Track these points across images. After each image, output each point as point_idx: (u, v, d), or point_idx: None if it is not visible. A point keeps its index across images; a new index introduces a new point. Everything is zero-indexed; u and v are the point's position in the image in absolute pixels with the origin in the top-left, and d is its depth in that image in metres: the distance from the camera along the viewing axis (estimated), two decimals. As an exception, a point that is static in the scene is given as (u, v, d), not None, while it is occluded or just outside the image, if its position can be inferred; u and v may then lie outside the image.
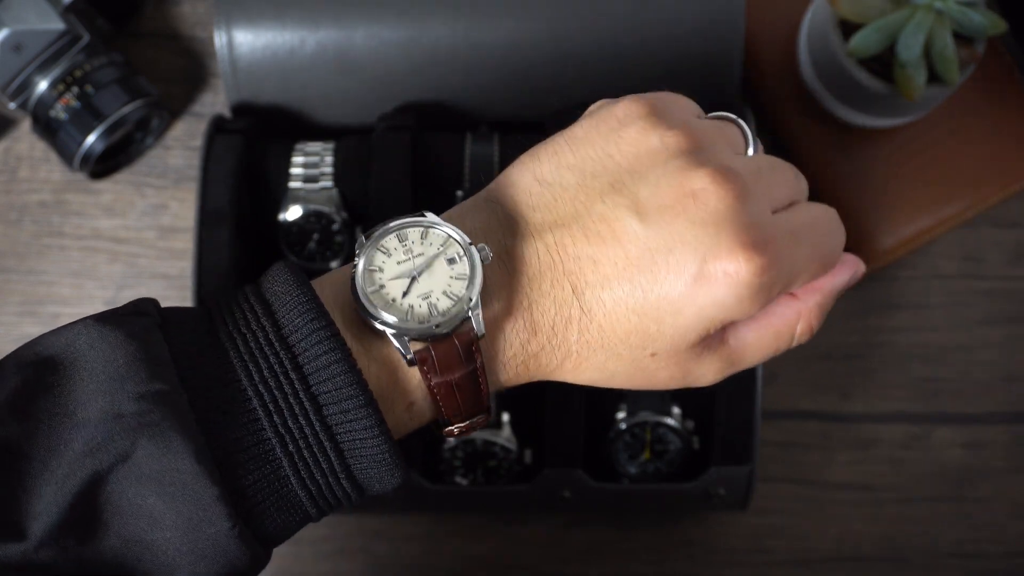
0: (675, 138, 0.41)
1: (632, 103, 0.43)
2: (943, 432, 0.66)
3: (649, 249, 0.40)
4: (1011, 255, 0.67)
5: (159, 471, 0.35)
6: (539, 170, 0.43)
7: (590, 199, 0.41)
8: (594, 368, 0.42)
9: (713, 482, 0.59)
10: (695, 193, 0.39)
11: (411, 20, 0.61)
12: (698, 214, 0.39)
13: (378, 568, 0.65)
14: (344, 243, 0.61)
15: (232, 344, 0.38)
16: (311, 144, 0.61)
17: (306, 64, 0.61)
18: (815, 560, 0.65)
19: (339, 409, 0.37)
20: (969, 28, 0.58)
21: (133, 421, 0.35)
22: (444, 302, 0.40)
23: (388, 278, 0.40)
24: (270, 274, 0.41)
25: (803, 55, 0.65)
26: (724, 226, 0.39)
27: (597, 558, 0.65)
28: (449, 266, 0.40)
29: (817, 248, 0.43)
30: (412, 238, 0.41)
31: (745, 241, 0.39)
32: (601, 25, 0.61)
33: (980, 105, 0.66)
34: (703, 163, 0.40)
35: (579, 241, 0.41)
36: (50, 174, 0.68)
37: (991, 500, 0.66)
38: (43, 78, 0.63)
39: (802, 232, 0.42)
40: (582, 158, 0.42)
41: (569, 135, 0.43)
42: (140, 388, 0.36)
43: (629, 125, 0.42)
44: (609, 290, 0.40)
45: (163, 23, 0.70)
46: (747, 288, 0.39)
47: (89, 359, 0.37)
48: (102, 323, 0.38)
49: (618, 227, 0.40)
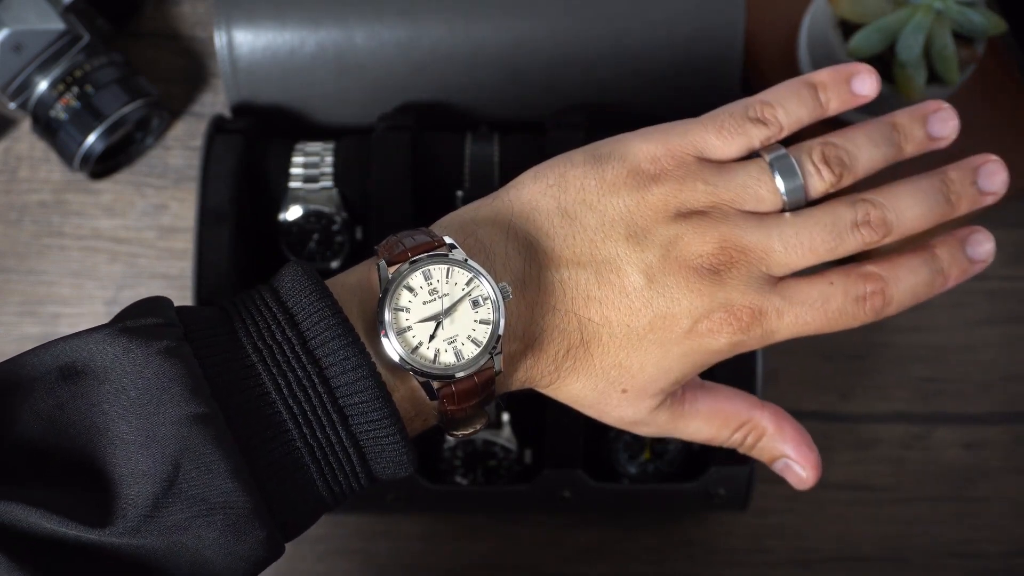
0: (694, 204, 0.44)
1: (666, 160, 0.44)
2: (943, 432, 0.66)
3: (650, 305, 0.43)
4: (1011, 255, 0.67)
5: (200, 491, 0.36)
6: (564, 200, 0.44)
7: (606, 245, 0.44)
8: (568, 389, 0.45)
9: (713, 482, 0.59)
10: (697, 267, 0.43)
11: (411, 20, 0.61)
12: (697, 284, 0.43)
13: (378, 568, 0.65)
14: (344, 243, 0.61)
15: (260, 357, 0.39)
16: (311, 144, 0.61)
17: (306, 64, 0.61)
18: (815, 560, 0.65)
19: (364, 420, 0.39)
20: (969, 28, 0.58)
21: (174, 446, 0.36)
22: (470, 348, 0.41)
23: (415, 320, 0.41)
24: (287, 280, 0.41)
25: (803, 55, 0.65)
26: (718, 296, 0.43)
27: (597, 558, 0.65)
28: (474, 310, 0.41)
29: (807, 323, 0.45)
30: (437, 276, 0.41)
31: (732, 309, 0.44)
32: (601, 25, 0.61)
33: (980, 105, 0.66)
34: (711, 236, 0.43)
35: (591, 282, 0.43)
36: (50, 174, 0.68)
37: (991, 500, 0.66)
38: (43, 78, 0.63)
39: (796, 304, 0.45)
40: (606, 205, 0.44)
41: (599, 174, 0.44)
42: (179, 411, 0.36)
43: (655, 186, 0.44)
44: (609, 329, 0.44)
45: (163, 23, 0.70)
46: (729, 344, 0.44)
47: (116, 374, 0.37)
48: (129, 337, 0.38)
49: (627, 280, 0.43)
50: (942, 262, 0.47)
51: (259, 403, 0.38)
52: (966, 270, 0.47)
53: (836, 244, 0.45)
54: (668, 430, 0.48)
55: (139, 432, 0.36)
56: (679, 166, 0.44)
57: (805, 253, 0.44)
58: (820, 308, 0.45)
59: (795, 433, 0.49)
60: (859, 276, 0.45)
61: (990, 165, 0.47)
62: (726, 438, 0.48)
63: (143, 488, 0.36)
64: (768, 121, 0.45)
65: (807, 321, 0.45)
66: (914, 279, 0.46)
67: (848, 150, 0.46)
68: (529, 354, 0.44)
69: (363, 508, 0.63)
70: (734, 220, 0.44)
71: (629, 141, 0.45)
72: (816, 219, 0.45)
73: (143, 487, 0.36)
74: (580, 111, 0.61)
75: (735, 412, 0.48)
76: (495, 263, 0.43)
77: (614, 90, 0.62)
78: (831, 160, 0.45)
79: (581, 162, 0.45)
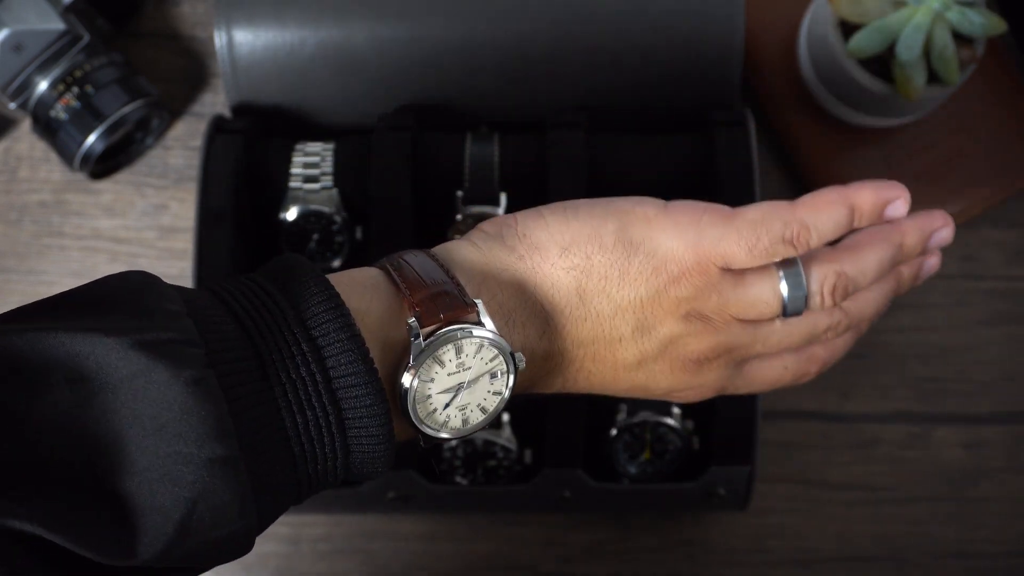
0: (703, 310, 0.46)
1: (692, 267, 0.46)
2: (943, 432, 0.66)
3: (633, 379, 0.48)
4: (1011, 255, 0.67)
5: (210, 533, 0.36)
6: (585, 284, 0.45)
7: (613, 329, 0.46)
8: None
9: (713, 482, 0.59)
10: (685, 360, 0.47)
11: (411, 20, 0.61)
12: (680, 372, 0.48)
13: (378, 568, 0.65)
14: (344, 243, 0.61)
15: (282, 391, 0.38)
16: (311, 144, 0.61)
17: (306, 64, 0.61)
18: (815, 560, 0.65)
19: (367, 458, 0.40)
20: (969, 28, 0.58)
21: (193, 489, 0.35)
22: (476, 416, 0.43)
23: (436, 391, 0.41)
24: (314, 306, 0.39)
25: (803, 55, 0.65)
26: (694, 381, 0.48)
27: (597, 558, 0.65)
28: (490, 381, 0.42)
29: (759, 391, 0.51)
30: (468, 351, 0.41)
31: (701, 388, 0.49)
32: (601, 25, 0.61)
33: (980, 105, 0.66)
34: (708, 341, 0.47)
35: (587, 359, 0.46)
36: (50, 174, 0.68)
37: (991, 500, 0.66)
38: (43, 78, 0.63)
39: (754, 384, 0.50)
40: (623, 297, 0.45)
41: (624, 266, 0.45)
42: (201, 453, 0.35)
43: (673, 288, 0.46)
44: (598, 383, 0.48)
45: (163, 23, 0.70)
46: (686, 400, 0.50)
47: (129, 394, 0.35)
48: (148, 356, 0.35)
49: (618, 357, 0.47)
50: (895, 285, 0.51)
51: (276, 438, 0.38)
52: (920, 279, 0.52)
53: (806, 343, 0.49)
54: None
55: (157, 465, 0.35)
56: (702, 275, 0.46)
57: (778, 351, 0.49)
58: (771, 385, 0.50)
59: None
60: (808, 359, 0.50)
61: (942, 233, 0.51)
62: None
63: (160, 526, 0.34)
64: (799, 246, 0.46)
65: (754, 391, 0.51)
66: (846, 345, 0.51)
67: (857, 282, 0.48)
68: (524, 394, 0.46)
69: (363, 508, 0.63)
70: (732, 329, 0.47)
71: (661, 234, 0.46)
72: (799, 329, 0.48)
73: (160, 524, 0.34)
74: (580, 111, 0.61)
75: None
76: (513, 332, 0.44)
77: (614, 90, 0.62)
78: (838, 292, 0.48)
79: (610, 247, 0.45)
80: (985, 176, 0.65)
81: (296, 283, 0.40)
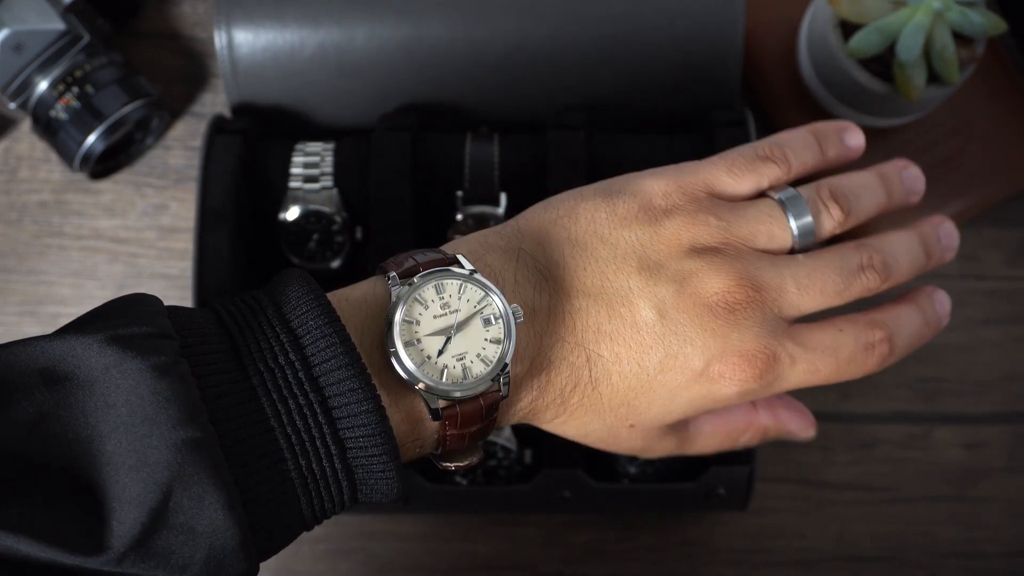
0: (707, 239, 0.43)
1: (678, 195, 0.44)
2: (943, 432, 0.66)
3: (662, 342, 0.43)
4: (1011, 255, 0.67)
5: (188, 520, 0.35)
6: (574, 230, 0.44)
7: (618, 278, 0.43)
8: (576, 426, 0.45)
9: (713, 482, 0.59)
10: (710, 303, 0.42)
11: (411, 20, 0.61)
12: (711, 323, 0.42)
13: (377, 568, 0.65)
14: (344, 243, 0.61)
15: (260, 380, 0.37)
16: (311, 144, 0.61)
17: (306, 64, 0.61)
18: (815, 560, 0.65)
19: (363, 455, 0.38)
20: (969, 28, 0.58)
21: (165, 472, 0.34)
22: (478, 367, 0.40)
23: (425, 333, 0.40)
24: (293, 297, 0.39)
25: (803, 55, 0.65)
26: (732, 338, 0.43)
27: (597, 558, 0.65)
28: (485, 327, 0.41)
29: (818, 371, 0.45)
30: (450, 291, 0.41)
31: (747, 354, 0.43)
32: (601, 25, 0.61)
33: (980, 105, 0.66)
34: (727, 272, 0.43)
35: (601, 315, 0.43)
36: (50, 174, 0.68)
37: (991, 500, 0.66)
38: (43, 78, 0.63)
39: (809, 351, 0.44)
40: (618, 237, 0.43)
41: (611, 207, 0.44)
42: (173, 435, 0.35)
43: (667, 220, 0.44)
44: (618, 366, 0.43)
45: (163, 23, 0.70)
46: (738, 393, 0.44)
47: (105, 387, 0.35)
48: (121, 348, 0.36)
49: (638, 315, 0.43)
50: (929, 310, 0.49)
51: (257, 429, 0.37)
52: (943, 319, 0.50)
53: (845, 287, 0.45)
54: (676, 453, 0.49)
55: (130, 453, 0.34)
56: (691, 201, 0.44)
57: (816, 295, 0.45)
58: (832, 356, 0.45)
59: (790, 414, 0.49)
60: (867, 323, 0.46)
61: (946, 226, 0.50)
62: (732, 446, 0.50)
63: (132, 515, 0.34)
64: (777, 159, 0.46)
65: (818, 369, 0.45)
66: (911, 328, 0.47)
67: (852, 190, 0.47)
68: (535, 384, 0.43)
69: (363, 508, 0.63)
70: (748, 258, 0.44)
71: (640, 178, 0.46)
72: (827, 260, 0.45)
73: (132, 513, 0.34)
74: (580, 111, 0.61)
75: (735, 424, 0.49)
76: (505, 290, 0.42)
77: (614, 90, 0.62)
78: (839, 196, 0.46)
79: (591, 195, 0.45)
80: (985, 176, 0.65)
81: (280, 284, 0.40)
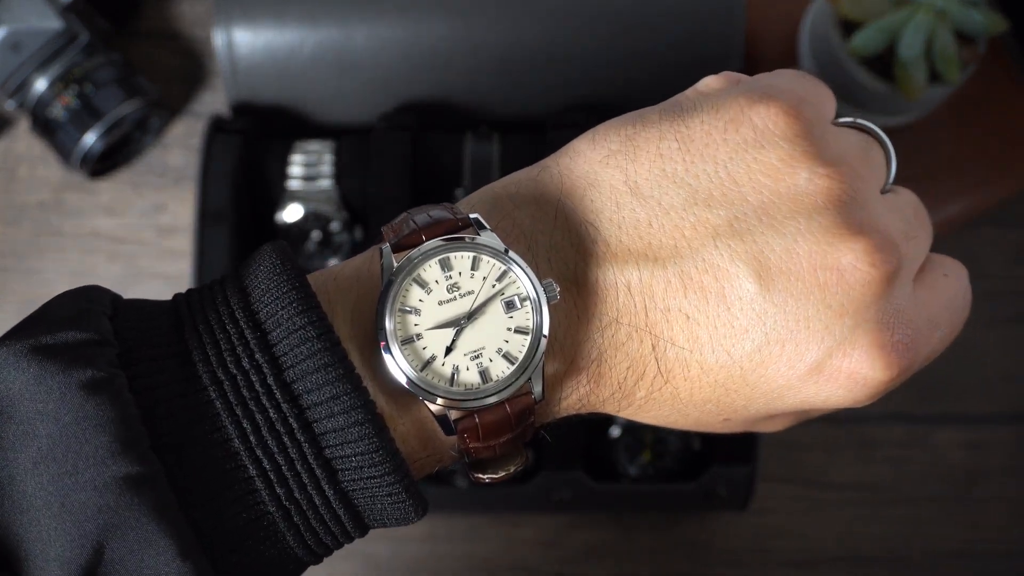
0: (830, 182, 0.31)
1: (779, 109, 0.32)
2: (944, 432, 0.66)
3: (763, 324, 0.31)
4: (1011, 255, 0.67)
5: (135, 572, 0.27)
6: (633, 171, 0.32)
7: (699, 236, 0.31)
8: (653, 418, 0.35)
9: (713, 482, 0.59)
10: (841, 269, 0.31)
11: (411, 20, 0.61)
12: (837, 297, 0.31)
13: (378, 568, 0.65)
14: (344, 243, 0.61)
15: (219, 390, 0.29)
16: (311, 143, 0.61)
17: (306, 63, 0.61)
18: (815, 560, 0.65)
19: (359, 475, 0.30)
20: (970, 27, 0.58)
21: (94, 521, 0.27)
22: (500, 366, 0.31)
23: (427, 327, 0.31)
24: (261, 278, 0.31)
25: (804, 54, 0.65)
26: (867, 320, 0.31)
27: (597, 558, 0.65)
28: (507, 313, 0.31)
29: (948, 335, 0.35)
30: (459, 267, 0.31)
31: (887, 343, 0.31)
32: (601, 25, 0.61)
33: (981, 105, 0.66)
34: (858, 228, 0.31)
35: (674, 289, 0.31)
36: (49, 173, 0.68)
37: (992, 500, 0.66)
38: (42, 77, 0.63)
39: (940, 317, 0.34)
40: (696, 173, 0.32)
41: (680, 129, 0.32)
42: (101, 472, 0.27)
43: (770, 145, 0.32)
44: (699, 356, 0.32)
45: (162, 22, 0.69)
46: (871, 394, 0.33)
47: (24, 409, 0.27)
48: (42, 360, 0.28)
49: (728, 285, 0.31)
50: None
51: (216, 454, 0.29)
52: None
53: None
54: (791, 424, 0.38)
55: (52, 496, 0.27)
56: (804, 127, 0.32)
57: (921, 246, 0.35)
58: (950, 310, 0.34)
59: None
60: (950, 260, 0.36)
61: None
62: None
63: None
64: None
65: (946, 337, 0.35)
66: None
67: None
68: (581, 380, 0.33)
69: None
70: (879, 208, 0.33)
71: (722, 92, 0.34)
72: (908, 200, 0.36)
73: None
74: (580, 111, 0.61)
75: None
76: (538, 256, 0.32)
77: (614, 90, 0.62)
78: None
79: (656, 118, 0.33)
80: (985, 176, 0.65)
81: (251, 263, 0.32)
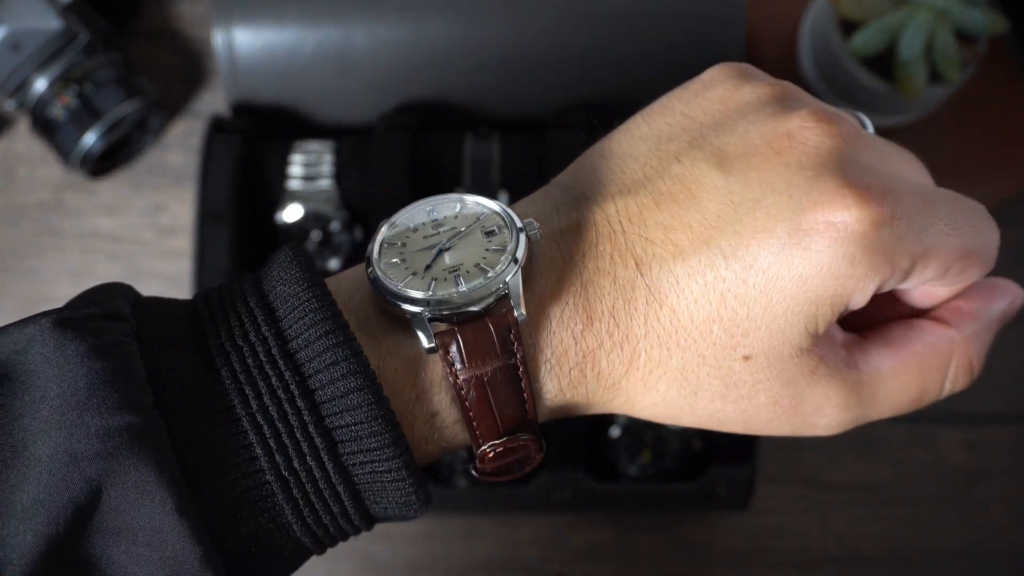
0: (769, 89, 0.35)
1: (721, 67, 0.37)
2: (945, 432, 0.66)
3: (732, 203, 0.32)
4: (1013, 255, 0.67)
5: (131, 526, 0.28)
6: (607, 145, 0.36)
7: (663, 162, 0.34)
8: (670, 380, 0.33)
9: (713, 482, 0.59)
10: (791, 133, 0.32)
11: (411, 20, 0.61)
12: (793, 156, 0.31)
13: (378, 568, 0.65)
14: (344, 243, 0.61)
15: (225, 360, 0.30)
16: (310, 143, 0.61)
17: (306, 63, 0.61)
18: (815, 560, 0.65)
19: (358, 447, 0.30)
20: (971, 27, 0.58)
21: (95, 465, 0.28)
22: (475, 275, 0.32)
23: (411, 251, 0.33)
24: (274, 269, 0.33)
25: (804, 54, 0.65)
26: (828, 168, 0.31)
27: (597, 558, 0.65)
28: (486, 237, 0.33)
29: (958, 229, 0.33)
30: (444, 213, 0.35)
31: (854, 182, 0.31)
32: (601, 25, 0.61)
33: (981, 105, 0.66)
34: (801, 106, 0.34)
35: (647, 207, 0.33)
36: (49, 173, 0.68)
37: (993, 501, 0.66)
38: (42, 77, 0.63)
39: (938, 201, 0.33)
40: (658, 126, 0.35)
41: (646, 109, 0.37)
42: (104, 420, 0.28)
43: (715, 85, 0.36)
44: (683, 262, 0.32)
45: (162, 22, 0.69)
46: (860, 245, 0.30)
47: (42, 376, 0.29)
48: (61, 329, 0.30)
49: (695, 184, 0.32)
50: None
51: (218, 419, 0.30)
52: None
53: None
54: (857, 415, 0.34)
55: (57, 450, 0.28)
56: (742, 69, 0.37)
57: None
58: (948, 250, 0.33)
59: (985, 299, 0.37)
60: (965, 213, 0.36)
61: None
62: (940, 386, 0.36)
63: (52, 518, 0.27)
64: None
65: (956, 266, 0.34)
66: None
67: None
68: (571, 307, 0.33)
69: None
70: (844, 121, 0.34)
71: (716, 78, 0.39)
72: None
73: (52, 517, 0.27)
74: (580, 111, 0.61)
75: (930, 349, 0.35)
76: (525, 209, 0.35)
77: (614, 90, 0.62)
78: None
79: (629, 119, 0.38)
80: (985, 176, 0.65)
81: (269, 261, 0.34)
